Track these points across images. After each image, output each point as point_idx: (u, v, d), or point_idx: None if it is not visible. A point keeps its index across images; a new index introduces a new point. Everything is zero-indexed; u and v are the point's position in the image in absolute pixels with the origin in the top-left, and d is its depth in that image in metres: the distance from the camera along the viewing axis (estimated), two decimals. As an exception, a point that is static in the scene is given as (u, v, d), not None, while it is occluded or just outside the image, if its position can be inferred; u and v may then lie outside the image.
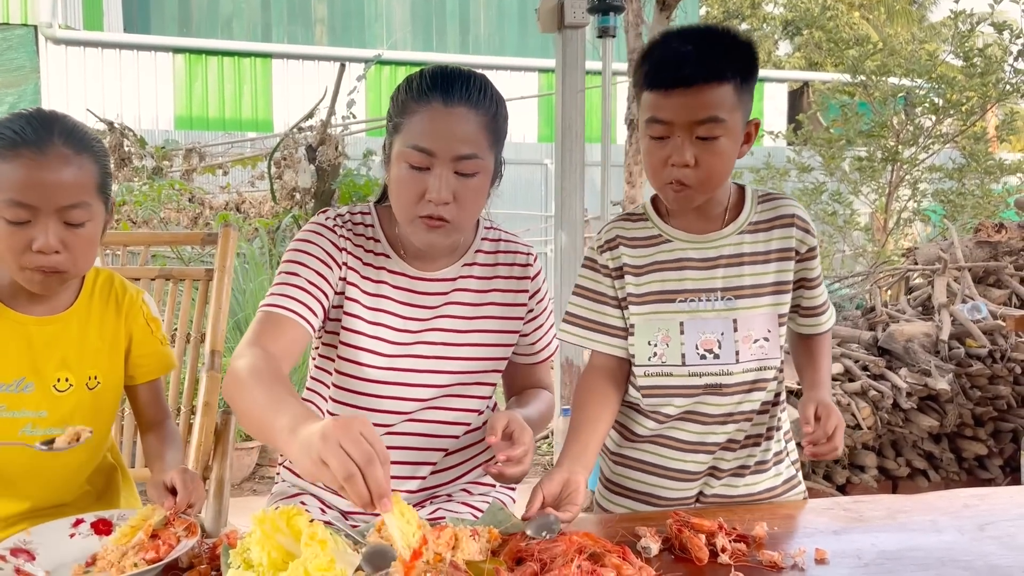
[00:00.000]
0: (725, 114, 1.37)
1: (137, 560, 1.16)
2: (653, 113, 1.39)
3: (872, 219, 7.76)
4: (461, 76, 1.44)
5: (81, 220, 1.34)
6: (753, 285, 1.50)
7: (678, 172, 1.39)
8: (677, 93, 1.36)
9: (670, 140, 1.39)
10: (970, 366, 3.73)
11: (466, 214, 1.45)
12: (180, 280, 2.01)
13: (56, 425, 1.41)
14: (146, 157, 6.07)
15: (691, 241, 1.52)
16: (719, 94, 1.36)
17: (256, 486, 3.89)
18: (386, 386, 1.53)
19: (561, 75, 3.79)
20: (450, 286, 1.58)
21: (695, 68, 1.34)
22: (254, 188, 6.93)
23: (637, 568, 1.09)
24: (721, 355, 1.49)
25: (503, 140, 1.50)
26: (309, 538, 1.05)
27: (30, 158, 1.28)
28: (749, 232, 1.51)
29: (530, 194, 10.21)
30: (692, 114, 1.36)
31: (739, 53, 1.39)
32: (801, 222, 1.52)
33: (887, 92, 7.26)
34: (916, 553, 1.26)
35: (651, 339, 1.51)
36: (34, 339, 1.41)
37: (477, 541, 1.16)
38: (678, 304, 1.50)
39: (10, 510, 1.40)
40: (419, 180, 1.40)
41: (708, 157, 1.38)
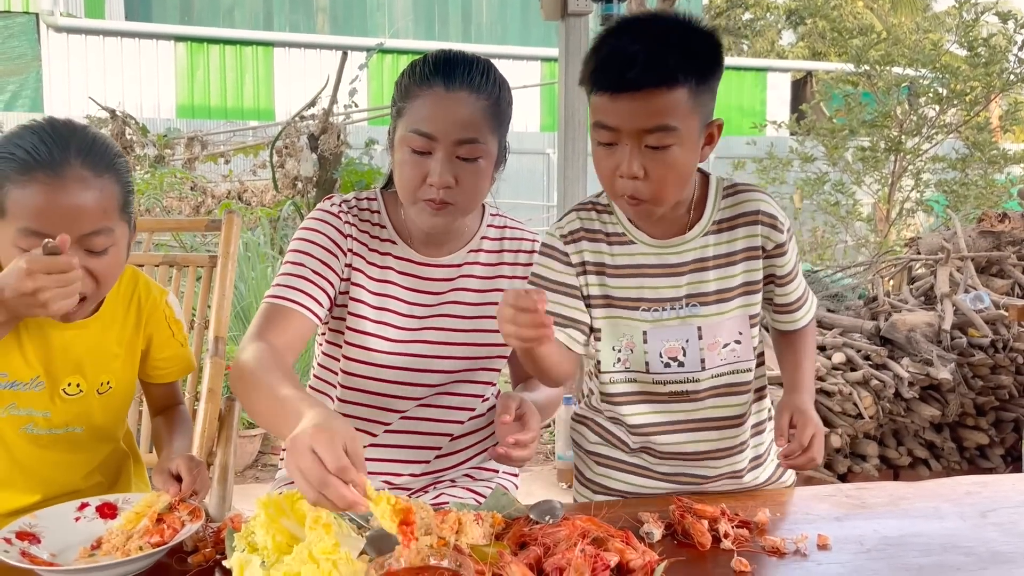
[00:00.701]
0: (677, 121, 1.25)
1: (142, 543, 1.17)
2: (599, 117, 1.29)
3: (875, 209, 7.75)
4: (464, 60, 1.43)
5: (104, 247, 1.25)
6: (719, 290, 1.43)
7: (629, 185, 1.29)
8: (623, 98, 1.24)
9: (618, 147, 1.28)
10: (972, 356, 3.73)
11: (468, 198, 1.45)
12: (184, 267, 2.01)
13: (57, 427, 1.40)
14: (148, 145, 6.06)
15: (655, 246, 1.42)
16: (670, 100, 1.24)
17: (259, 473, 3.91)
18: (394, 371, 1.53)
19: (564, 63, 3.78)
20: (456, 272, 1.58)
21: (643, 71, 1.22)
22: (256, 177, 6.93)
23: (640, 552, 1.09)
24: (686, 363, 1.43)
25: (507, 124, 1.50)
26: (313, 522, 1.05)
27: (46, 182, 1.18)
28: (713, 232, 1.43)
29: (532, 183, 10.20)
30: (640, 122, 1.24)
31: (696, 51, 1.27)
32: (767, 218, 1.43)
33: (891, 82, 7.24)
34: (918, 539, 1.27)
35: (615, 344, 1.45)
36: (52, 342, 1.37)
37: (481, 526, 1.16)
38: (641, 312, 1.43)
39: (22, 502, 1.39)
40: (421, 164, 1.41)
41: (659, 168, 1.27)
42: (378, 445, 1.58)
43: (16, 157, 1.20)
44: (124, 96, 9.37)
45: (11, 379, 1.35)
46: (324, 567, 0.98)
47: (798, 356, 1.56)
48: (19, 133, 1.23)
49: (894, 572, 1.16)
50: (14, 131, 1.25)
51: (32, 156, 1.19)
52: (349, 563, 1.01)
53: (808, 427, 1.42)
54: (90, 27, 10.33)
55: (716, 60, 1.30)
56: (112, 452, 1.53)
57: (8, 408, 1.36)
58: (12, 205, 1.20)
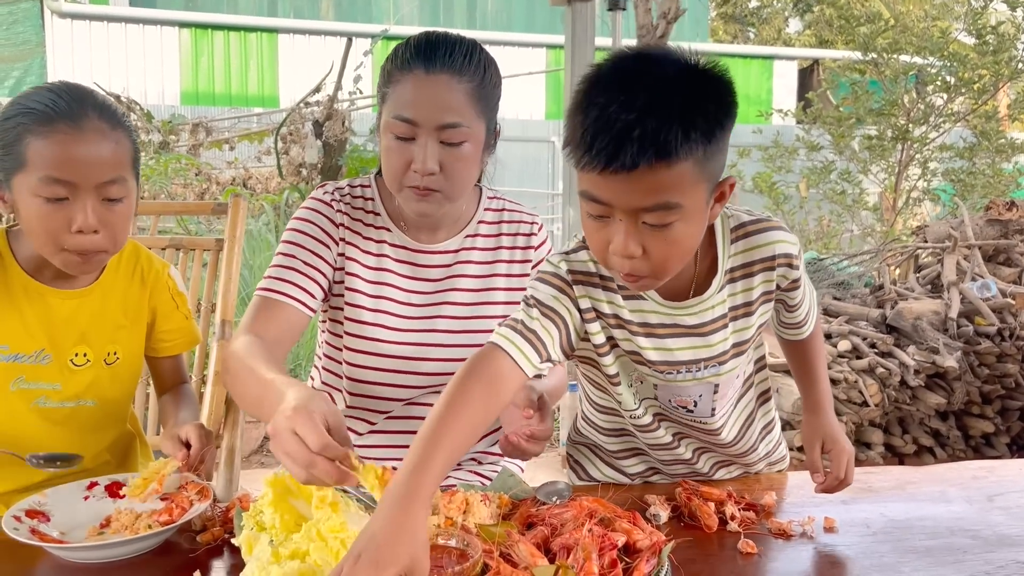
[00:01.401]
0: (680, 198, 1.04)
1: (151, 522, 1.17)
2: (588, 188, 1.07)
3: (881, 198, 7.73)
4: (445, 43, 1.39)
5: (119, 196, 1.30)
6: (737, 343, 1.30)
7: (625, 263, 1.10)
8: (616, 177, 1.02)
9: (611, 220, 1.08)
10: (979, 344, 3.72)
11: (455, 184, 1.41)
12: (190, 250, 2.01)
13: (69, 399, 1.41)
14: (153, 132, 6.06)
15: (666, 306, 1.26)
16: (672, 176, 1.02)
17: (264, 459, 3.92)
18: (396, 360, 1.53)
19: (571, 49, 3.77)
20: (452, 258, 1.56)
21: (638, 149, 0.99)
22: (260, 164, 6.93)
23: (647, 533, 1.09)
24: (695, 412, 1.35)
25: (495, 107, 1.46)
26: (320, 501, 1.06)
27: (67, 133, 1.23)
28: (728, 284, 1.27)
29: (537, 171, 10.18)
30: (636, 201, 1.04)
31: (703, 111, 1.03)
32: (783, 259, 1.27)
33: (898, 70, 7.21)
34: (925, 522, 1.27)
35: (630, 382, 1.34)
36: (55, 313, 1.39)
37: (488, 506, 1.16)
38: (653, 371, 1.29)
39: (31, 479, 1.40)
40: (405, 150, 1.38)
41: (659, 246, 1.08)
42: (383, 431, 1.58)
43: (35, 111, 1.24)
44: (128, 82, 9.37)
45: (13, 351, 1.36)
46: (332, 545, 0.98)
47: (813, 366, 1.46)
48: (35, 92, 1.28)
49: (901, 554, 1.16)
50: (28, 91, 1.29)
51: (52, 109, 1.24)
52: (357, 542, 1.02)
53: (843, 456, 1.35)
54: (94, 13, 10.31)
55: (728, 111, 1.08)
56: (121, 434, 1.54)
57: (17, 382, 1.37)
58: (34, 155, 1.24)
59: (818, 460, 1.36)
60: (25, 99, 1.27)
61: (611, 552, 1.01)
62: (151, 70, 10.47)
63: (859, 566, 1.12)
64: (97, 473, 1.44)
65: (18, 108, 1.26)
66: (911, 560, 1.14)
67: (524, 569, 0.98)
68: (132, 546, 1.12)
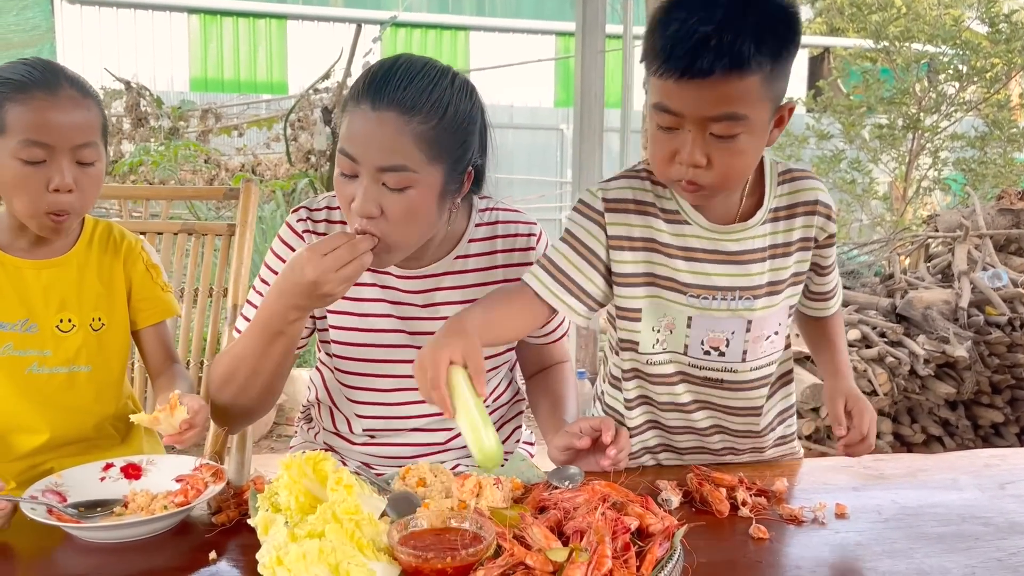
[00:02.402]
0: (747, 109, 1.15)
1: (166, 503, 1.18)
2: (661, 100, 1.18)
3: (891, 188, 7.69)
4: (402, 77, 1.26)
5: (92, 159, 1.39)
6: (772, 282, 1.35)
7: (688, 171, 1.19)
8: (691, 84, 1.13)
9: (680, 132, 1.18)
10: (989, 334, 3.71)
11: (399, 231, 1.28)
12: (202, 235, 2.02)
13: (62, 364, 1.46)
14: (162, 118, 6.07)
15: (711, 231, 1.33)
16: (742, 87, 1.13)
17: (274, 444, 3.94)
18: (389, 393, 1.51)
19: (581, 36, 3.75)
20: (439, 282, 1.48)
21: (715, 56, 1.10)
22: (270, 150, 6.92)
23: (660, 517, 1.10)
24: (727, 353, 1.37)
25: (457, 149, 1.31)
26: (335, 483, 1.06)
27: (43, 99, 1.33)
28: (771, 221, 1.35)
29: (546, 160, 10.16)
30: (707, 109, 1.14)
31: (774, 31, 1.14)
32: (824, 208, 1.37)
33: (910, 58, 7.16)
34: (937, 509, 1.27)
35: (656, 325, 1.37)
36: (31, 284, 1.45)
37: (500, 490, 1.17)
38: (688, 298, 1.34)
39: (32, 444, 1.45)
40: (350, 187, 1.28)
41: (724, 157, 1.18)
42: (382, 444, 1.57)
43: (12, 81, 1.34)
44: (138, 68, 9.35)
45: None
46: (347, 527, 0.98)
47: (834, 340, 1.52)
48: (9, 66, 1.38)
49: (912, 541, 1.16)
50: (3, 65, 1.39)
51: (27, 79, 1.34)
52: (372, 524, 1.02)
53: (866, 414, 1.40)
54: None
55: (794, 38, 1.17)
56: (120, 408, 1.56)
57: (5, 349, 1.42)
58: (13, 121, 1.33)
59: (841, 414, 1.41)
60: (3, 71, 1.37)
61: (624, 536, 1.02)
62: (160, 56, 10.46)
63: (871, 552, 1.13)
64: (101, 445, 1.50)
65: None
66: (923, 546, 1.14)
67: (538, 552, 0.98)
68: (148, 526, 1.13)
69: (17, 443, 1.45)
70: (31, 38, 8.82)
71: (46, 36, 8.96)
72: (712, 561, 1.08)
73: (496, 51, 10.96)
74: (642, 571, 0.98)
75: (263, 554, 0.96)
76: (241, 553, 1.11)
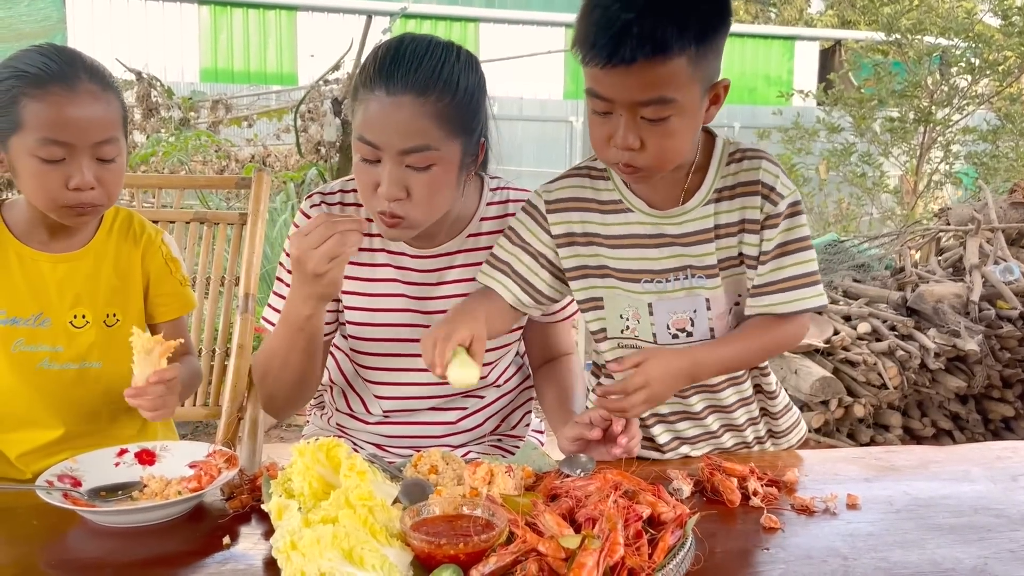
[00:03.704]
0: (675, 92, 1.15)
1: (180, 489, 1.19)
2: (592, 85, 1.19)
3: (902, 182, 7.65)
4: (411, 59, 1.29)
5: (112, 155, 1.36)
6: (722, 260, 1.35)
7: (624, 155, 1.21)
8: (616, 71, 1.14)
9: (612, 116, 1.20)
10: (1000, 328, 3.69)
11: (423, 210, 1.33)
12: (214, 224, 2.03)
13: (73, 360, 1.45)
14: (173, 108, 6.08)
15: (652, 215, 1.34)
16: (666, 71, 1.14)
17: (284, 434, 3.96)
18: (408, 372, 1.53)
19: (592, 27, 3.75)
20: (452, 260, 1.51)
21: (637, 44, 1.11)
22: (280, 141, 6.93)
23: (672, 506, 1.10)
24: (695, 333, 1.37)
25: (473, 121, 1.35)
26: (348, 469, 1.07)
27: (61, 95, 1.29)
28: (713, 202, 1.33)
29: (555, 151, 10.13)
30: (635, 94, 1.16)
31: (698, 11, 1.15)
32: (765, 188, 1.32)
33: (922, 51, 7.11)
34: (948, 501, 1.27)
35: (623, 313, 1.38)
36: (47, 277, 1.43)
37: (512, 478, 1.17)
38: (643, 284, 1.35)
39: (47, 437, 1.44)
40: (371, 173, 1.32)
41: (655, 139, 1.19)
42: (396, 423, 1.58)
43: (28, 74, 1.29)
44: (148, 60, 9.38)
45: (10, 315, 1.41)
46: (360, 513, 0.99)
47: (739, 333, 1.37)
48: (25, 54, 1.32)
49: (924, 532, 1.16)
50: (18, 53, 1.34)
51: (44, 72, 1.29)
52: (384, 510, 1.03)
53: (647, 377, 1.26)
54: (114, -10, 10.33)
55: (721, 18, 1.19)
56: None
57: (17, 344, 1.41)
58: (30, 117, 1.29)
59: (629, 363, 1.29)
60: (16, 61, 1.31)
61: (636, 524, 1.02)
62: (171, 47, 10.49)
63: (883, 542, 1.13)
64: (117, 436, 1.49)
65: (10, 71, 1.30)
66: (935, 537, 1.14)
67: (550, 539, 0.98)
68: (163, 511, 1.14)
69: (33, 437, 1.44)
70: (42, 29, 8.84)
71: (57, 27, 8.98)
72: (724, 550, 1.09)
73: (506, 43, 10.94)
74: (654, 559, 0.98)
75: (277, 539, 0.97)
76: (254, 538, 1.12)
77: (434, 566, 0.95)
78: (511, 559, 0.96)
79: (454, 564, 0.95)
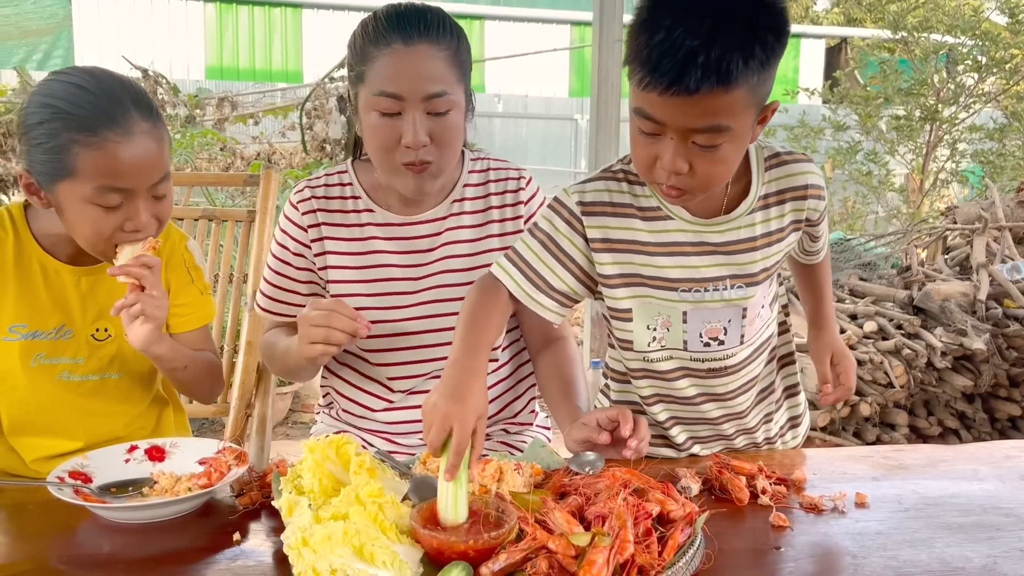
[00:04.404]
0: (731, 121, 1.11)
1: (191, 485, 1.20)
2: (643, 107, 1.13)
3: (908, 180, 7.63)
4: (416, 13, 1.39)
5: (165, 192, 1.33)
6: (765, 268, 1.34)
7: (672, 178, 1.17)
8: (675, 99, 1.08)
9: (661, 138, 1.14)
10: (1007, 327, 3.68)
11: (446, 154, 1.42)
12: (223, 221, 2.03)
13: (93, 372, 1.43)
14: (179, 106, 6.08)
15: (694, 223, 1.31)
16: (728, 101, 1.08)
17: (290, 431, 3.97)
18: (406, 336, 1.54)
19: (598, 25, 3.73)
20: (441, 226, 1.55)
21: (702, 75, 1.05)
22: (285, 139, 6.93)
23: (681, 504, 1.10)
24: (727, 341, 1.36)
25: (469, 72, 1.47)
26: (358, 466, 1.07)
27: (117, 141, 1.23)
28: (760, 209, 1.32)
29: (560, 149, 10.14)
30: (690, 122, 1.11)
31: (762, 40, 1.08)
32: (815, 190, 1.34)
33: (929, 49, 7.09)
34: (957, 500, 1.27)
35: (650, 324, 1.36)
36: (70, 290, 1.41)
37: (521, 475, 1.17)
38: (680, 293, 1.32)
39: (63, 447, 1.43)
40: (392, 127, 1.38)
41: (706, 165, 1.15)
42: (403, 408, 1.58)
43: (75, 116, 1.22)
44: (154, 57, 9.39)
45: (31, 329, 1.39)
46: (371, 509, 0.99)
47: (821, 288, 1.55)
48: (65, 90, 1.24)
49: (933, 530, 1.16)
50: (55, 86, 1.26)
51: (94, 115, 1.23)
52: (394, 506, 1.03)
53: (851, 368, 1.48)
54: (120, -13, 10.34)
55: (781, 41, 1.11)
56: (151, 402, 1.56)
57: (37, 358, 1.39)
58: (85, 166, 1.23)
59: (828, 371, 1.48)
60: (55, 100, 1.24)
61: (645, 521, 1.02)
62: (176, 44, 10.50)
63: (892, 541, 1.13)
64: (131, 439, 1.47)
65: (52, 111, 1.23)
66: (944, 536, 1.14)
67: (560, 536, 0.99)
68: (173, 507, 1.14)
69: (49, 445, 1.43)
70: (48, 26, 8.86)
71: (63, 24, 9.00)
72: (733, 548, 1.09)
73: (511, 40, 10.93)
74: (664, 556, 0.98)
75: (288, 535, 0.97)
76: (264, 535, 1.12)
77: (444, 563, 0.96)
78: (521, 556, 0.96)
79: (464, 561, 0.95)
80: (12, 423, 1.42)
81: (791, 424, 1.59)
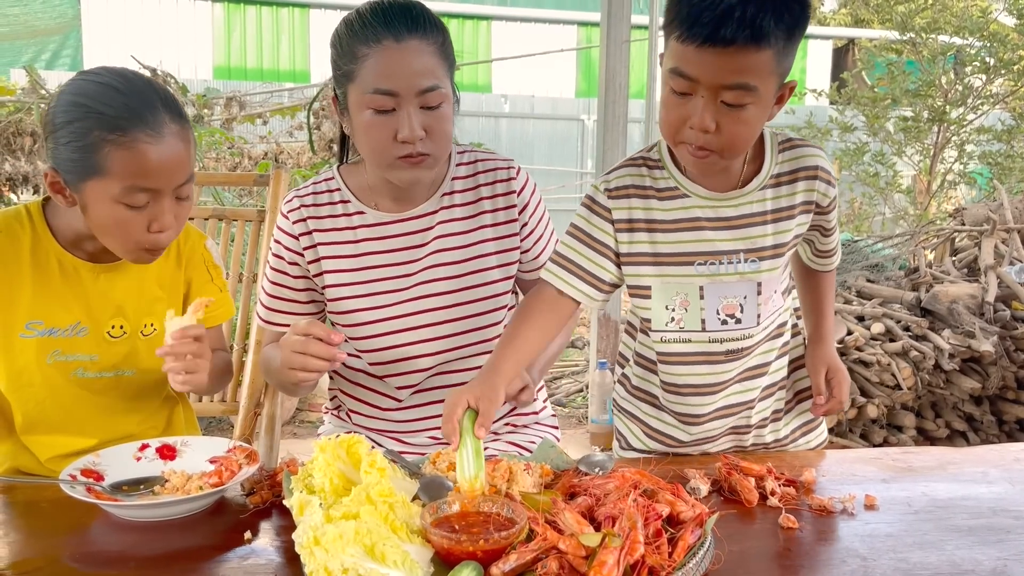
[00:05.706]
0: (758, 81, 1.20)
1: (202, 484, 1.20)
2: (679, 65, 1.23)
3: (915, 181, 7.61)
4: (402, 8, 1.40)
5: (188, 194, 1.35)
6: (776, 244, 1.40)
7: (698, 136, 1.25)
8: (710, 51, 1.18)
9: (692, 98, 1.24)
10: (1015, 329, 3.68)
11: (440, 145, 1.43)
12: (232, 220, 2.04)
13: (107, 369, 1.44)
14: (187, 105, 6.09)
15: (710, 199, 1.39)
16: (757, 59, 1.19)
17: (297, 429, 3.98)
18: (408, 332, 1.54)
19: (606, 25, 3.74)
20: (433, 220, 1.56)
21: (737, 27, 1.15)
22: (292, 139, 6.94)
23: (691, 505, 1.10)
24: (743, 319, 1.41)
25: (454, 64, 1.48)
26: (369, 465, 1.08)
27: (147, 142, 1.24)
28: (771, 187, 1.40)
29: (566, 150, 10.13)
30: (722, 77, 1.20)
31: (791, 9, 1.19)
32: (824, 174, 1.41)
33: (936, 50, 7.06)
34: (967, 502, 1.26)
35: (668, 303, 1.42)
36: (90, 287, 1.42)
37: (531, 475, 1.18)
38: (697, 267, 1.39)
39: (78, 445, 1.44)
40: (386, 123, 1.38)
41: (732, 125, 1.24)
42: (412, 406, 1.59)
43: (107, 116, 1.23)
44: (162, 56, 9.42)
45: (48, 326, 1.39)
46: (381, 509, 1.00)
47: (825, 300, 1.58)
48: (96, 89, 1.25)
49: (943, 533, 1.16)
50: (86, 86, 1.27)
51: (125, 115, 1.24)
52: (405, 506, 1.04)
53: (845, 384, 1.51)
54: (128, -13, 10.37)
55: (806, 18, 1.23)
56: (163, 401, 1.57)
57: (53, 355, 1.40)
58: (115, 165, 1.24)
59: (823, 384, 1.51)
60: (87, 99, 1.25)
61: (656, 522, 1.02)
62: (184, 44, 10.52)
63: (901, 543, 1.13)
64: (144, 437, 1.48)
65: (83, 110, 1.24)
66: (954, 538, 1.14)
67: (570, 536, 0.99)
68: (184, 506, 1.15)
69: (64, 443, 1.44)
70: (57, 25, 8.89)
71: (72, 23, 9.03)
72: (742, 549, 1.09)
73: (518, 41, 10.93)
74: (674, 557, 0.99)
75: (300, 534, 0.98)
76: (275, 533, 1.13)
77: (454, 562, 0.96)
78: (531, 556, 0.97)
79: (474, 561, 0.96)
80: (27, 420, 1.42)
81: (803, 429, 1.58)
